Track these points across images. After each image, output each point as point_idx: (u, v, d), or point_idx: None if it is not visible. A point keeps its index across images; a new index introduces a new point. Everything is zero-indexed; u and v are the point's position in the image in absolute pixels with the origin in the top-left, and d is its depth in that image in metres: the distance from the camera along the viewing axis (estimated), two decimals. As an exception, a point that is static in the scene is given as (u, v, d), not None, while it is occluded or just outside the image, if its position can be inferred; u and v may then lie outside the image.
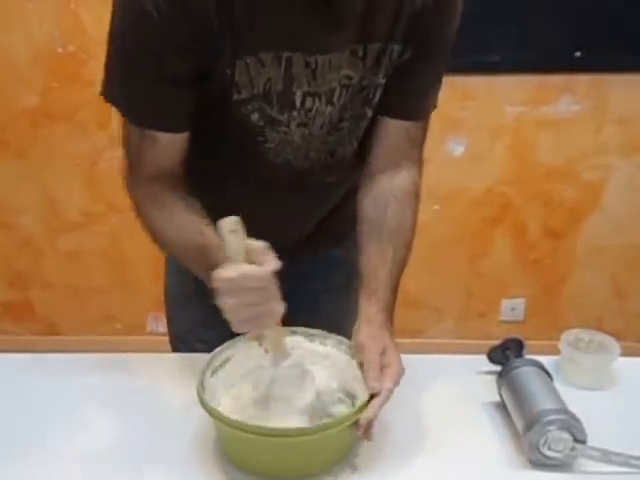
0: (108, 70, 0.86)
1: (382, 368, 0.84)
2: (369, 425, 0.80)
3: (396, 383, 0.83)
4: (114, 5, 0.81)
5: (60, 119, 2.24)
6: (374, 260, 0.95)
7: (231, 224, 0.72)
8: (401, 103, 0.96)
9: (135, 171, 0.90)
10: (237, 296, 0.73)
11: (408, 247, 0.99)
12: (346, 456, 0.83)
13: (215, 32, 0.79)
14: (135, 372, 1.02)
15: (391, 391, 0.82)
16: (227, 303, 0.73)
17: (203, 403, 0.80)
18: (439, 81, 0.99)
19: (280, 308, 0.77)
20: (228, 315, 0.75)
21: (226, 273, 0.73)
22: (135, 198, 0.91)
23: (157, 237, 0.91)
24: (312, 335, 0.93)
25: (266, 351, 0.84)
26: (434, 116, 1.03)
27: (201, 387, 0.82)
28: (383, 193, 0.99)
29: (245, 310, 0.75)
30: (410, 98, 0.96)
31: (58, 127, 2.25)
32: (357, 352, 0.88)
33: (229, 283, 0.73)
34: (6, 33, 2.14)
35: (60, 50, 2.16)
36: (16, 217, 2.40)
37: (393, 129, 0.98)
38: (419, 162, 1.02)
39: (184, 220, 0.87)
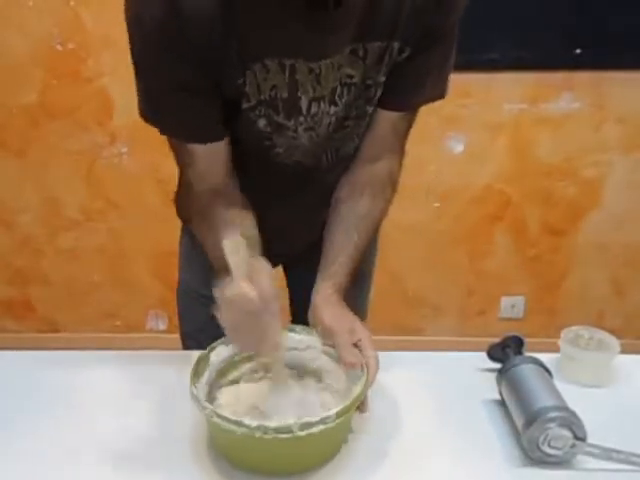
0: (136, 88, 0.86)
1: (356, 344, 0.87)
2: (365, 400, 0.83)
3: (374, 349, 0.87)
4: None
5: (59, 116, 2.24)
6: (337, 243, 1.00)
7: (231, 245, 0.74)
8: (393, 96, 0.95)
9: (186, 186, 0.95)
10: (232, 315, 0.74)
11: (373, 233, 1.04)
12: (341, 453, 0.82)
13: (219, 41, 0.78)
14: (135, 369, 1.02)
15: (377, 357, 0.86)
16: (223, 321, 0.75)
17: (193, 397, 0.80)
18: (437, 71, 0.96)
19: (276, 338, 0.77)
20: (227, 334, 0.77)
21: (224, 291, 0.73)
22: (187, 211, 0.96)
23: (204, 250, 0.94)
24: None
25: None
26: (434, 113, 1.03)
27: (194, 383, 0.82)
28: (360, 180, 1.02)
29: (240, 333, 0.76)
30: (402, 90, 0.95)
31: (57, 124, 2.25)
32: (325, 336, 0.90)
33: (224, 302, 0.74)
34: (5, 30, 2.14)
35: (59, 47, 2.15)
36: (16, 215, 2.39)
37: (380, 120, 0.98)
38: (400, 153, 1.04)
39: (221, 237, 0.88)
